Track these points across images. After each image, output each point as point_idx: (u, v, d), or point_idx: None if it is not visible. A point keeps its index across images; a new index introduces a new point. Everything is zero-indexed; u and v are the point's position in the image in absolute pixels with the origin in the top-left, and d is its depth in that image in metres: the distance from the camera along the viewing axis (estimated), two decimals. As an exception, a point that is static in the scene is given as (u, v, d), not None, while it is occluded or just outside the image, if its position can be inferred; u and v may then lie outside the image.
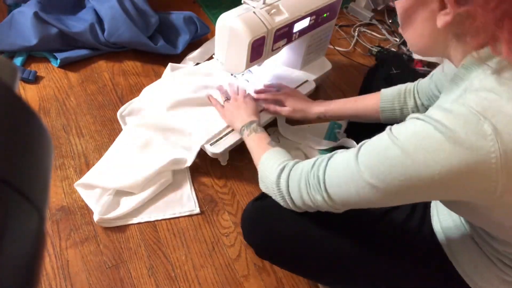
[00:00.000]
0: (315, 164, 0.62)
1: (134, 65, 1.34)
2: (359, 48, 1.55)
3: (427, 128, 0.47)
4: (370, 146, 0.54)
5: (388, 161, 0.50)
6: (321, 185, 0.59)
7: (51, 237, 0.93)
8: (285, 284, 0.92)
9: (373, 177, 0.52)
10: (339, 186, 0.57)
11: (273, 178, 0.69)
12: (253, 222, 0.80)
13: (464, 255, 0.65)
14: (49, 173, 0.24)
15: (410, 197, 0.52)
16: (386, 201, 0.54)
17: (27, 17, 1.22)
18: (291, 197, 0.66)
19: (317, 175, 0.60)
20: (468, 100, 0.46)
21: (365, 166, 0.53)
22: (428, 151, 0.46)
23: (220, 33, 0.95)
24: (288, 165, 0.69)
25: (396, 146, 0.49)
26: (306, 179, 0.63)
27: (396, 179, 0.49)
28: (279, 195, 0.69)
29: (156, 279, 0.89)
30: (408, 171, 0.48)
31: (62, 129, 1.13)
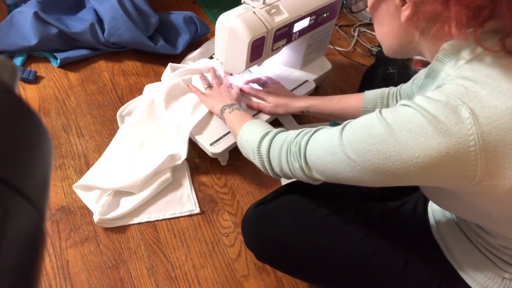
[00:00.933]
0: (299, 134, 0.64)
1: (134, 65, 1.34)
2: (359, 48, 1.55)
3: (412, 112, 0.49)
4: (356, 123, 0.55)
5: (371, 138, 0.51)
6: (301, 153, 0.61)
7: (51, 237, 0.93)
8: (285, 284, 0.92)
9: (354, 152, 0.53)
10: (318, 156, 0.59)
11: (255, 141, 0.71)
12: (254, 228, 0.80)
13: (459, 250, 0.66)
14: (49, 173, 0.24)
15: (385, 178, 0.52)
16: (360, 179, 0.54)
17: (27, 17, 1.22)
18: (270, 162, 0.69)
19: (300, 143, 0.62)
20: (447, 88, 0.48)
21: (348, 141, 0.54)
22: (411, 133, 0.48)
23: (220, 33, 0.95)
24: (272, 132, 0.71)
25: (381, 124, 0.50)
26: (288, 146, 0.65)
27: (375, 156, 0.50)
28: (258, 158, 0.71)
29: (156, 279, 0.89)
30: (388, 149, 0.49)
31: (62, 129, 1.13)
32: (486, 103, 0.45)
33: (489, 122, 0.45)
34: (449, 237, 0.68)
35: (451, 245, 0.67)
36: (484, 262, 0.63)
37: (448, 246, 0.67)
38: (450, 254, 0.67)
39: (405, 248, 0.70)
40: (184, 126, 1.04)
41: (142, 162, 1.02)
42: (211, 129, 1.05)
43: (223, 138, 1.03)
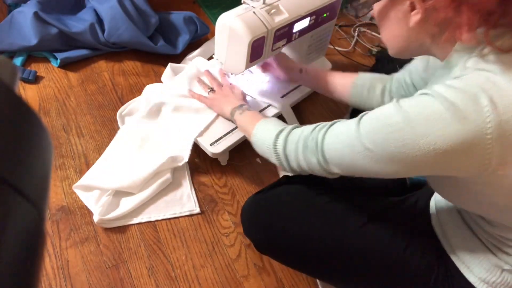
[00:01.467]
0: (315, 128, 0.65)
1: (134, 65, 1.34)
2: (359, 48, 1.55)
3: (430, 100, 0.49)
4: (373, 113, 0.56)
5: (389, 127, 0.51)
6: (318, 147, 0.62)
7: (51, 237, 0.93)
8: (285, 284, 0.92)
9: (371, 141, 0.53)
10: (335, 149, 0.59)
11: (271, 139, 0.71)
12: (253, 215, 0.80)
13: (459, 241, 0.66)
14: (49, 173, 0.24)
15: (402, 167, 0.53)
16: (378, 169, 0.55)
17: (27, 17, 1.22)
18: (287, 159, 0.69)
19: (316, 138, 0.63)
20: (466, 77, 0.49)
21: (365, 131, 0.55)
22: (429, 120, 0.48)
23: (220, 33, 0.95)
24: (287, 128, 0.71)
25: (398, 113, 0.51)
26: (304, 141, 0.65)
27: (393, 145, 0.51)
28: (275, 156, 0.71)
29: (156, 279, 0.89)
30: (406, 137, 0.49)
31: (62, 129, 1.13)
32: (505, 92, 0.46)
33: (508, 111, 0.45)
34: (450, 228, 0.68)
35: (451, 236, 0.68)
36: (484, 253, 0.63)
37: (448, 237, 0.68)
38: (449, 246, 0.67)
39: (404, 238, 0.71)
40: (189, 130, 1.04)
41: (142, 162, 1.02)
42: (211, 129, 1.05)
43: (223, 138, 1.03)
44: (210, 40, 1.40)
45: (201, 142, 1.03)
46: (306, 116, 1.24)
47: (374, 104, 0.91)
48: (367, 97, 0.92)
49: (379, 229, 0.72)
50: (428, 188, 0.82)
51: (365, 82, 0.92)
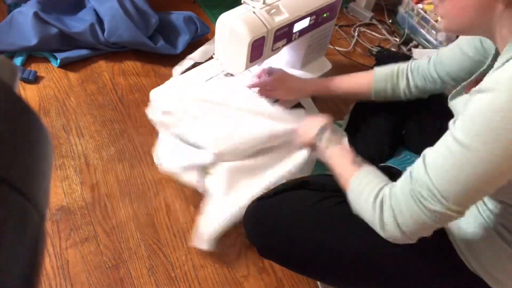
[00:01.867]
0: (412, 174, 0.57)
1: (134, 65, 1.34)
2: (359, 48, 1.55)
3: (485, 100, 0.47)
4: (466, 116, 0.51)
5: (499, 113, 0.47)
6: (433, 189, 0.53)
7: (51, 237, 0.93)
8: (285, 284, 0.92)
9: (478, 141, 0.49)
10: (449, 179, 0.52)
11: (375, 215, 0.61)
12: (256, 221, 0.80)
13: (483, 247, 0.64)
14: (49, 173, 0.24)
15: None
16: (500, 172, 0.50)
17: (27, 17, 1.22)
18: (401, 227, 0.58)
19: (423, 182, 0.54)
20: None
21: (466, 134, 0.50)
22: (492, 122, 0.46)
23: (220, 33, 0.95)
24: (385, 195, 0.61)
25: (501, 93, 0.47)
26: (413, 196, 0.56)
27: (507, 129, 0.47)
28: (387, 234, 0.62)
29: (156, 279, 0.89)
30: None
31: (62, 129, 1.13)
32: None
33: None
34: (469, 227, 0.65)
35: (469, 235, 0.65)
36: (507, 253, 0.62)
37: (465, 238, 0.65)
38: (466, 246, 0.65)
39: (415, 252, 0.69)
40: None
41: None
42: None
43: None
44: (211, 40, 1.40)
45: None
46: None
47: (402, 98, 0.92)
48: (392, 96, 0.92)
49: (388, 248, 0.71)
50: None
51: (386, 84, 0.91)
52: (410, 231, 0.58)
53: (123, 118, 1.18)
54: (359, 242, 0.71)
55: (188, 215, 1.01)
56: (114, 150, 1.10)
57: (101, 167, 1.06)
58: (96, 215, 0.97)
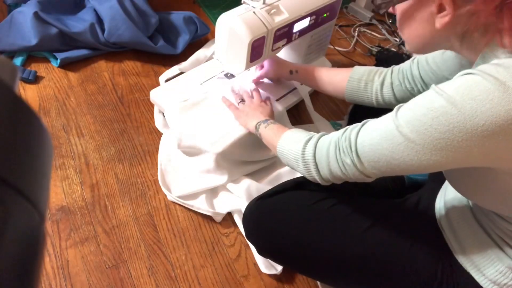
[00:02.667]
0: (347, 130, 0.62)
1: (134, 65, 1.34)
2: (359, 48, 1.55)
3: (476, 79, 0.47)
4: (412, 102, 0.54)
5: (432, 112, 0.49)
6: (352, 146, 0.59)
7: (51, 237, 0.93)
8: (285, 284, 0.92)
9: (413, 130, 0.51)
10: (371, 145, 0.56)
11: (298, 148, 0.68)
12: (255, 221, 0.80)
13: (471, 242, 0.65)
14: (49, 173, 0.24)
15: (444, 156, 0.50)
16: (418, 162, 0.52)
17: (27, 17, 1.22)
18: (317, 167, 0.66)
19: (349, 137, 0.60)
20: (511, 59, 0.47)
21: (406, 120, 0.52)
22: (476, 100, 0.46)
23: (220, 33, 0.95)
24: (315, 136, 0.68)
25: (441, 97, 0.49)
26: (336, 144, 0.62)
27: (437, 130, 0.49)
28: (304, 166, 0.68)
29: (156, 279, 0.89)
30: (452, 121, 0.47)
31: (62, 129, 1.13)
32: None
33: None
34: (462, 229, 0.67)
35: (463, 238, 0.66)
36: (497, 254, 0.62)
37: (459, 239, 0.67)
38: (460, 248, 0.66)
39: (407, 241, 0.70)
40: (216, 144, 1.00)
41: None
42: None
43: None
44: (200, 50, 1.37)
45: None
46: (306, 116, 1.24)
47: (372, 98, 0.90)
48: (364, 91, 0.90)
49: (382, 233, 0.72)
50: (429, 188, 0.81)
51: (362, 76, 0.90)
52: (321, 165, 0.65)
53: (123, 118, 1.18)
54: (357, 242, 0.71)
55: (188, 215, 1.01)
56: (114, 150, 1.10)
57: (101, 167, 1.06)
58: (96, 215, 0.97)
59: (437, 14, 0.53)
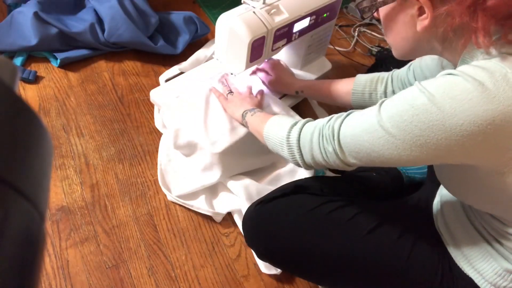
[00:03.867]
0: (331, 118, 0.63)
1: (134, 65, 1.34)
2: (359, 48, 1.55)
3: (456, 79, 0.48)
4: (395, 97, 0.55)
5: (413, 109, 0.50)
6: (335, 135, 0.60)
7: (51, 237, 0.93)
8: (285, 284, 0.92)
9: (394, 125, 0.52)
10: (352, 136, 0.58)
11: (284, 132, 0.70)
12: (255, 226, 0.80)
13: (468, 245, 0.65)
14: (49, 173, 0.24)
15: (423, 153, 0.51)
16: (398, 156, 0.53)
17: (27, 17, 1.22)
18: (301, 151, 0.67)
19: (333, 126, 0.61)
20: (493, 59, 0.48)
21: (388, 115, 0.53)
22: (455, 100, 0.47)
23: (220, 33, 0.95)
24: (300, 121, 0.70)
25: (423, 94, 0.50)
26: (320, 131, 0.63)
27: (418, 127, 0.50)
28: (288, 150, 0.69)
29: (156, 279, 0.89)
30: (431, 119, 0.48)
31: (62, 129, 1.13)
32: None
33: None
34: (458, 231, 0.67)
35: (459, 239, 0.67)
36: (494, 256, 0.62)
37: (456, 241, 0.67)
38: (458, 250, 0.66)
39: (407, 244, 0.70)
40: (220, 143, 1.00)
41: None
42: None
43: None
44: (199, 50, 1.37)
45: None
46: (307, 116, 1.24)
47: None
48: (369, 101, 0.92)
49: (382, 236, 0.71)
50: (428, 189, 0.81)
51: (365, 88, 0.91)
52: (304, 151, 0.66)
53: (123, 118, 1.18)
54: (357, 247, 0.71)
55: (188, 215, 1.01)
56: (114, 150, 1.10)
57: (101, 167, 1.06)
58: (96, 215, 0.97)
59: (418, 17, 0.54)
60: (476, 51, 0.52)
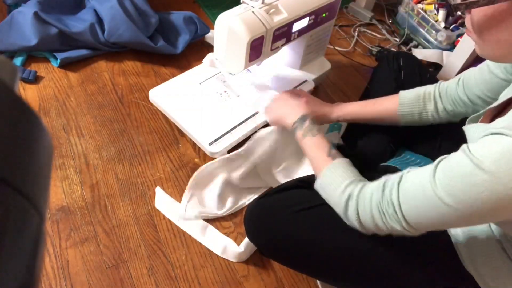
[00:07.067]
0: (385, 190, 0.60)
1: (134, 65, 1.34)
2: (359, 48, 1.55)
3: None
4: (449, 170, 0.52)
5: (476, 188, 0.48)
6: (398, 213, 0.57)
7: (51, 237, 0.93)
8: (285, 284, 0.92)
9: (458, 203, 0.50)
10: (418, 213, 0.55)
11: (340, 205, 0.66)
12: (257, 220, 0.80)
13: (485, 259, 0.64)
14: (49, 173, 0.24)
15: (495, 218, 0.52)
16: (470, 223, 0.54)
17: (27, 17, 1.22)
18: (363, 224, 0.63)
19: (391, 202, 0.58)
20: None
21: (448, 193, 0.51)
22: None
23: (219, 32, 0.95)
24: (354, 192, 0.64)
25: (482, 171, 0.47)
26: (379, 208, 0.60)
27: (484, 203, 0.48)
28: (348, 222, 0.66)
29: (156, 279, 0.89)
30: (499, 195, 0.47)
31: (62, 129, 1.13)
32: None
33: None
34: (481, 254, 0.65)
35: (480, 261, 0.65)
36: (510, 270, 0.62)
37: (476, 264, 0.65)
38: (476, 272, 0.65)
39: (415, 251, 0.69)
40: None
41: None
42: (210, 128, 1.04)
43: (223, 137, 1.03)
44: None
45: (200, 141, 1.03)
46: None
47: (432, 122, 0.88)
48: (420, 121, 0.89)
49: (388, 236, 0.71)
50: None
51: (413, 108, 0.87)
52: (368, 227, 0.63)
53: (123, 118, 1.18)
54: (359, 242, 0.71)
55: (188, 215, 1.01)
56: (114, 150, 1.10)
57: (101, 167, 1.06)
58: (96, 215, 0.97)
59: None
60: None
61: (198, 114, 1.08)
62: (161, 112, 1.16)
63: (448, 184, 0.51)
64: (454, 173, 0.51)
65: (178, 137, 1.15)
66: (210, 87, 1.15)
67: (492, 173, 0.47)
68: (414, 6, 1.58)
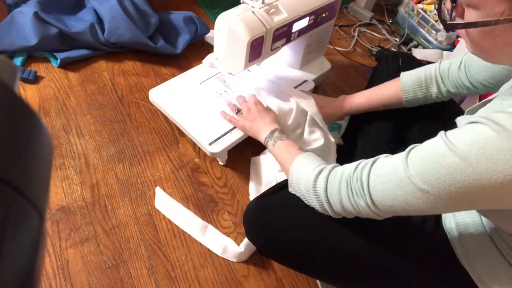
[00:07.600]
0: (358, 167, 0.60)
1: (134, 65, 1.34)
2: (359, 48, 1.55)
3: (489, 134, 0.46)
4: (422, 152, 0.52)
5: (446, 169, 0.48)
6: (365, 189, 0.58)
7: (51, 237, 0.93)
8: (285, 284, 0.92)
9: (426, 183, 0.50)
10: (384, 191, 0.56)
11: (309, 181, 0.67)
12: (256, 220, 0.80)
13: (479, 256, 0.64)
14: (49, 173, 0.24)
15: (462, 205, 0.51)
16: (434, 208, 0.52)
17: (27, 17, 1.22)
18: (329, 202, 0.64)
19: (361, 179, 0.58)
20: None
21: (418, 172, 0.51)
22: (491, 160, 0.45)
23: (219, 32, 0.95)
24: (326, 168, 0.66)
25: (454, 153, 0.48)
26: (347, 183, 0.60)
27: (453, 186, 0.48)
28: (316, 199, 0.66)
29: (156, 279, 0.89)
30: (467, 178, 0.47)
31: (62, 129, 1.13)
32: None
33: None
34: (476, 251, 0.65)
35: (474, 258, 0.65)
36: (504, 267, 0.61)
37: (471, 260, 0.65)
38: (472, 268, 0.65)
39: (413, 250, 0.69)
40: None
41: None
42: (210, 128, 1.04)
43: (222, 137, 1.03)
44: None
45: (200, 141, 1.03)
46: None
47: (436, 101, 0.92)
48: (425, 101, 0.92)
49: (386, 235, 0.71)
50: None
51: (416, 93, 0.91)
52: (333, 202, 0.63)
53: (123, 118, 1.18)
54: (358, 241, 0.71)
55: (188, 215, 1.01)
56: (114, 150, 1.10)
57: (101, 167, 1.06)
58: (96, 215, 0.97)
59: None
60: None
61: (198, 114, 1.08)
62: (161, 112, 1.16)
63: (419, 164, 0.52)
64: (427, 153, 0.52)
65: (178, 137, 1.15)
66: (210, 87, 1.15)
67: (462, 156, 0.47)
68: (414, 6, 1.58)
